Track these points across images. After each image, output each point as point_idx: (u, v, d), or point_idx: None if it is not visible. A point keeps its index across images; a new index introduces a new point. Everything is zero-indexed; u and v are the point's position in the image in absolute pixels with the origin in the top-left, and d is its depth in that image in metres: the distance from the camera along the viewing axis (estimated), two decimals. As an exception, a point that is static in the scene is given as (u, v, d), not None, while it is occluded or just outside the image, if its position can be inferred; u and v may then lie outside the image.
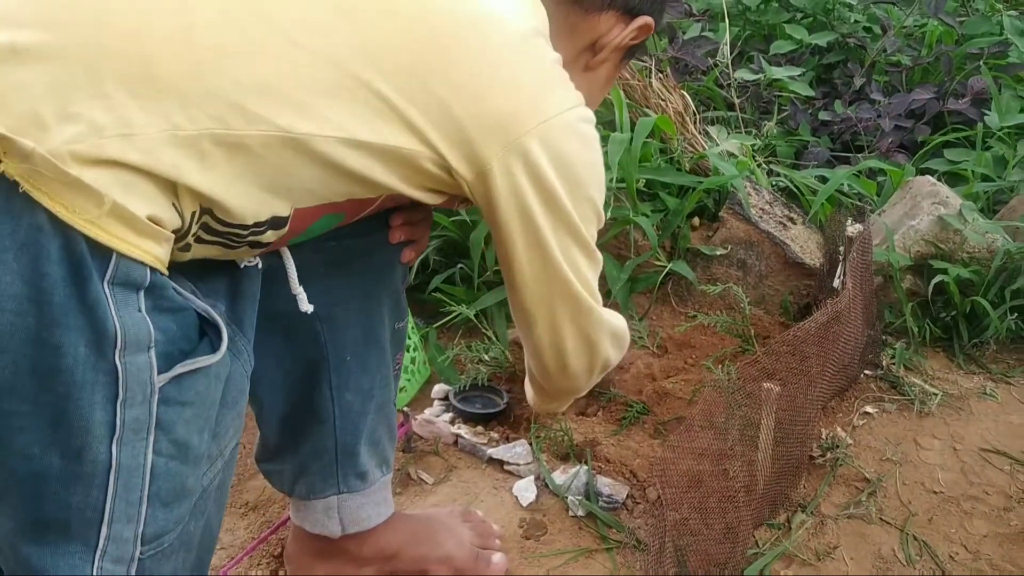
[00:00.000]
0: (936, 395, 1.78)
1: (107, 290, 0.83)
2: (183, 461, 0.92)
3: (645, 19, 1.18)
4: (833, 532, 1.51)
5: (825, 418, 1.74)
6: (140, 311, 0.86)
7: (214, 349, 0.94)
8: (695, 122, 2.24)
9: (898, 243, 1.93)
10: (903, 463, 1.64)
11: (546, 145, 0.99)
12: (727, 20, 2.71)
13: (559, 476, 1.62)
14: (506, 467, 1.67)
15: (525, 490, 1.61)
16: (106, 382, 0.84)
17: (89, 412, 0.84)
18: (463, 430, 1.74)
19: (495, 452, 1.69)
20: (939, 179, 2.16)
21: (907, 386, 1.80)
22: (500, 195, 1.00)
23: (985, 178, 2.20)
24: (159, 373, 0.88)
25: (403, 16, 0.93)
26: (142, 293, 0.86)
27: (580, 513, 1.56)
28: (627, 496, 1.59)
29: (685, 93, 2.25)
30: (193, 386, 0.92)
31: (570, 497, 1.58)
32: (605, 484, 1.59)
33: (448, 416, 1.78)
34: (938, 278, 1.86)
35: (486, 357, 1.88)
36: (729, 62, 2.57)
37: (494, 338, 1.92)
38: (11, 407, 0.83)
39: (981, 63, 2.63)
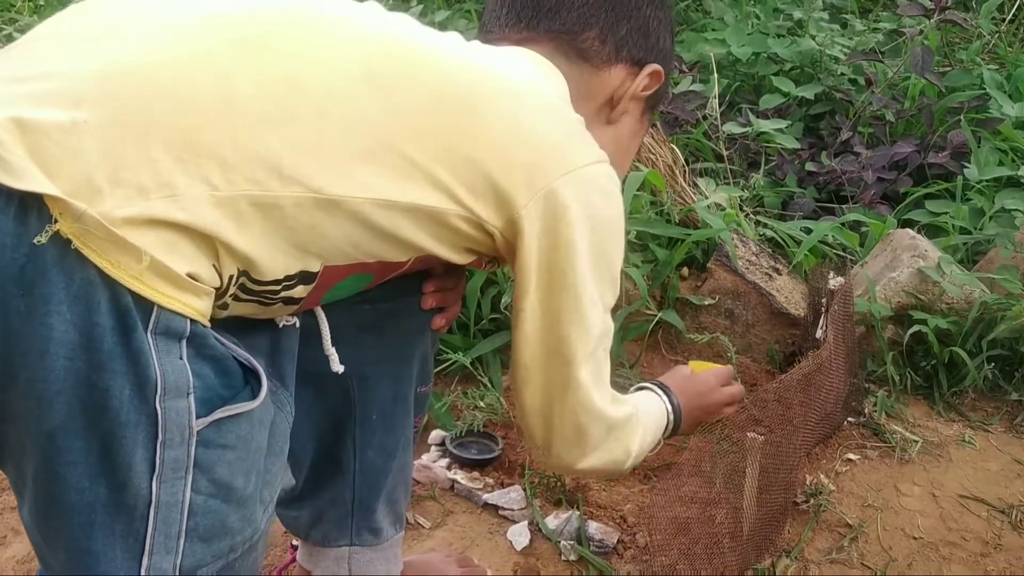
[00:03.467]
0: (916, 442, 1.84)
1: (150, 339, 0.90)
2: (224, 500, 0.98)
3: (653, 67, 1.24)
4: (816, 576, 1.57)
5: (809, 464, 1.80)
6: (182, 359, 0.92)
7: (254, 395, 1.00)
8: (684, 175, 2.32)
9: (879, 294, 2.00)
10: (884, 509, 1.70)
11: (572, 194, 1.04)
12: (715, 73, 2.80)
13: (552, 521, 1.68)
14: (501, 512, 1.73)
15: (519, 535, 1.67)
16: (147, 424, 0.91)
17: (132, 450, 0.91)
18: (459, 475, 1.79)
19: (490, 497, 1.74)
20: (920, 231, 2.23)
21: (888, 433, 1.87)
22: (526, 240, 1.05)
23: (963, 231, 2.28)
24: (198, 417, 0.94)
25: (426, 84, 1.01)
26: (184, 342, 0.93)
27: (572, 558, 1.62)
28: (617, 541, 1.65)
29: (675, 147, 2.33)
30: (234, 430, 0.98)
31: (562, 542, 1.64)
32: (596, 529, 1.65)
33: (445, 462, 1.83)
34: (915, 327, 1.92)
35: (482, 404, 1.94)
36: (718, 115, 2.65)
37: (489, 385, 1.98)
38: (65, 444, 0.90)
39: (961, 117, 2.72)
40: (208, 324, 0.96)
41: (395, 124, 0.98)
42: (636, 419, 1.24)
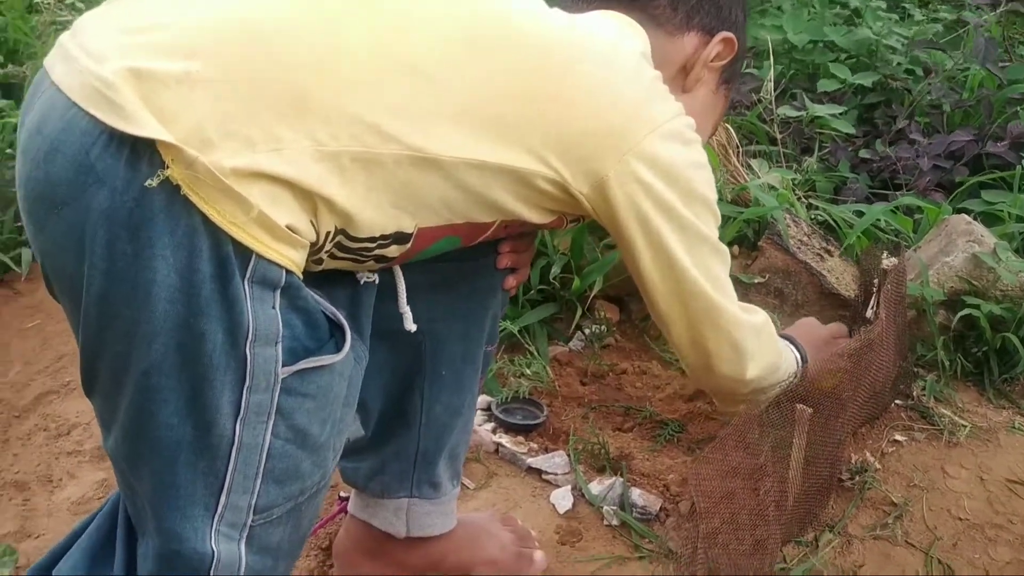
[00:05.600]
0: (965, 427, 1.83)
1: (246, 287, 0.94)
2: (300, 447, 1.02)
3: (725, 34, 1.28)
4: (859, 552, 1.56)
5: (855, 444, 1.79)
6: (274, 308, 0.96)
7: (338, 349, 1.03)
8: (737, 155, 2.31)
9: (932, 278, 1.98)
10: (930, 490, 1.69)
11: (657, 153, 1.09)
12: (772, 58, 2.78)
13: (595, 487, 1.69)
14: (544, 476, 1.74)
15: (562, 499, 1.68)
16: (236, 369, 0.95)
17: (220, 393, 0.95)
18: (504, 439, 1.81)
19: (534, 461, 1.76)
20: (975, 219, 2.21)
21: (936, 417, 1.85)
22: (619, 205, 1.10)
23: (1020, 219, 2.25)
24: (284, 366, 0.98)
25: (518, 46, 1.05)
26: (278, 292, 0.96)
27: (614, 523, 1.63)
28: (660, 508, 1.65)
29: (729, 127, 2.33)
30: (316, 380, 1.02)
31: (605, 507, 1.65)
32: (639, 496, 1.66)
33: (490, 426, 1.85)
34: (965, 311, 1.91)
35: (528, 372, 1.95)
36: (773, 99, 2.64)
37: (536, 354, 2.00)
38: (159, 383, 0.94)
39: (1019, 108, 2.68)
40: (301, 277, 1.00)
41: (489, 88, 1.02)
42: (769, 321, 1.36)
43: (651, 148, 1.09)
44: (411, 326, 1.25)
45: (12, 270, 2.40)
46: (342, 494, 1.59)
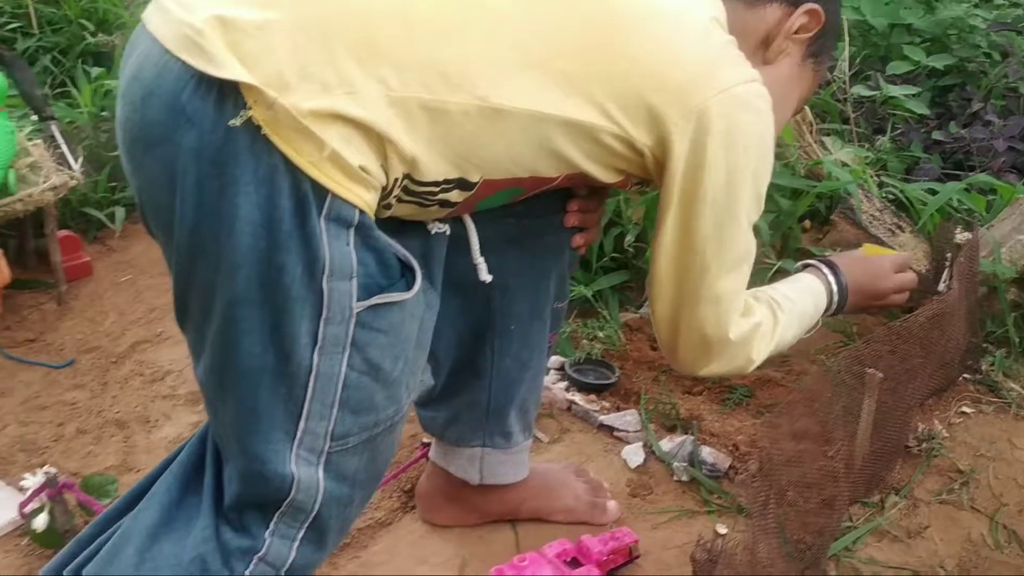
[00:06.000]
0: (1033, 401, 1.85)
1: (322, 224, 0.99)
2: (373, 379, 1.07)
3: (810, 5, 1.22)
4: (925, 515, 1.60)
5: (922, 414, 1.82)
6: (348, 245, 1.01)
7: (408, 288, 1.08)
8: (811, 131, 2.34)
9: (1004, 256, 2.00)
10: (996, 459, 1.71)
11: (722, 112, 1.07)
12: (847, 38, 2.79)
13: (666, 444, 1.74)
14: (616, 433, 1.80)
15: (633, 454, 1.74)
16: (314, 301, 1.00)
17: (299, 324, 1.01)
18: (577, 397, 1.87)
19: (606, 419, 1.82)
20: (1049, 199, 2.21)
21: (1005, 391, 1.87)
22: (674, 157, 1.09)
23: (1096, 201, 2.25)
24: (358, 300, 1.03)
25: (586, 5, 1.07)
26: (351, 230, 1.01)
27: (684, 478, 1.68)
28: (729, 467, 1.70)
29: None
30: (388, 316, 1.06)
31: (675, 463, 1.70)
32: (708, 454, 1.71)
33: (563, 384, 1.91)
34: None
35: (600, 335, 2.01)
36: (847, 78, 2.66)
37: (608, 318, 2.06)
38: (242, 313, 1.00)
39: (1100, 92, 2.67)
40: (373, 217, 1.05)
41: (557, 42, 1.04)
42: (768, 325, 1.26)
43: (719, 108, 1.08)
44: (486, 276, 1.29)
45: (106, 227, 2.51)
46: (424, 440, 1.67)
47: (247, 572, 1.08)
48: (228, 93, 0.94)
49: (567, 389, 1.90)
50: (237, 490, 1.09)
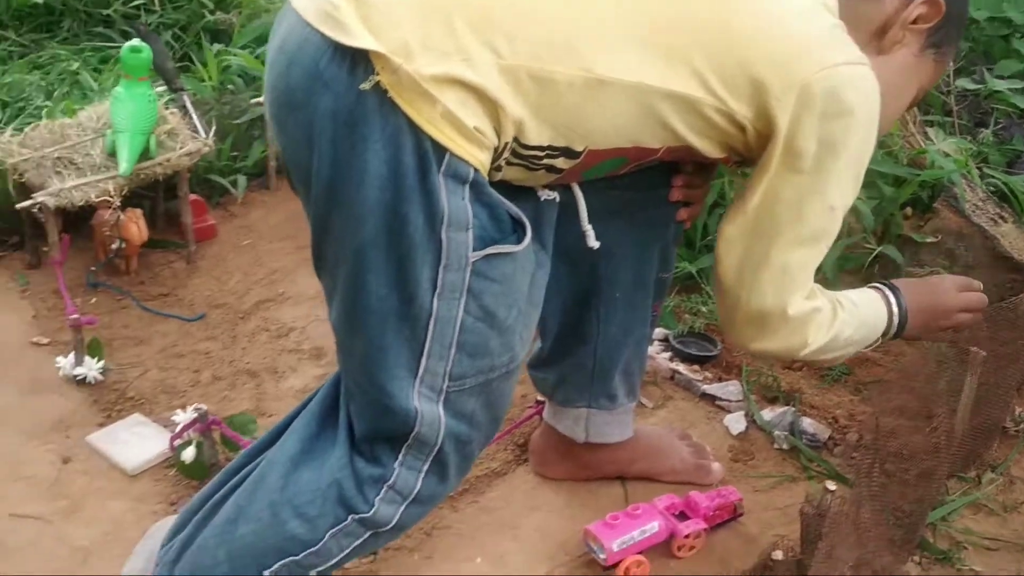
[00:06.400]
0: None
1: (441, 180, 1.08)
2: (488, 325, 1.17)
3: None
4: (1020, 491, 1.65)
5: (1019, 397, 1.86)
6: (464, 200, 1.11)
7: (519, 242, 1.17)
8: (914, 121, 2.38)
9: (1108, 248, 2.03)
10: (1095, 444, 1.76)
11: (825, 90, 1.11)
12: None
13: (767, 414, 1.82)
14: (718, 402, 1.88)
15: (735, 422, 1.82)
16: (434, 249, 1.10)
17: (420, 270, 1.11)
18: (680, 367, 1.96)
19: (709, 388, 1.90)
20: None
21: (1104, 379, 1.90)
22: (777, 133, 1.14)
23: None
24: (473, 250, 1.12)
25: None
26: (467, 186, 1.11)
27: (784, 447, 1.76)
28: (828, 437, 1.77)
29: (907, 94, 2.39)
30: (500, 267, 1.15)
31: (776, 432, 1.78)
32: (809, 424, 1.78)
33: (667, 355, 2.00)
34: None
35: (703, 309, 2.09)
36: (951, 71, 2.68)
37: (710, 294, 2.13)
38: (371, 257, 1.10)
39: None
40: (486, 176, 1.13)
41: (660, 15, 1.10)
42: (827, 315, 1.27)
43: (818, 86, 1.10)
44: (594, 243, 1.37)
45: (228, 194, 2.65)
46: (537, 399, 1.77)
47: (378, 498, 1.19)
48: (359, 61, 1.05)
49: (670, 359, 1.98)
50: (367, 424, 1.19)
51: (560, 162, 1.18)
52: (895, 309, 1.39)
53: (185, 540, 1.20)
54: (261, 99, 2.61)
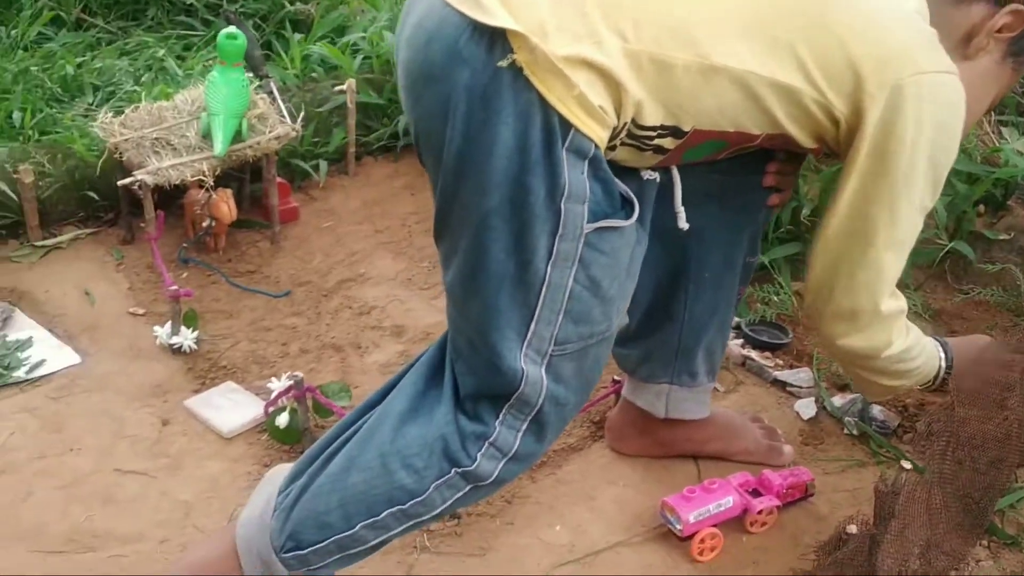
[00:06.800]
0: None
1: (564, 154, 1.15)
2: (593, 294, 1.23)
3: (1015, 6, 1.29)
4: (1091, 482, 1.68)
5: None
6: (583, 174, 1.17)
7: (628, 217, 1.24)
8: (989, 121, 2.40)
9: None
10: None
11: (917, 94, 1.18)
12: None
13: (837, 400, 1.86)
14: (788, 388, 1.93)
15: (806, 407, 1.87)
16: (552, 220, 1.17)
17: (538, 238, 1.17)
18: (752, 354, 2.01)
19: (780, 374, 1.95)
20: None
21: None
22: (865, 126, 1.21)
23: None
24: (587, 222, 1.19)
25: None
26: (586, 162, 1.17)
27: (854, 433, 1.80)
28: (898, 425, 1.81)
29: (982, 93, 2.41)
30: (609, 240, 1.22)
31: (846, 418, 1.82)
32: (879, 411, 1.82)
33: (739, 341, 2.05)
34: None
35: (775, 299, 2.14)
36: (1026, 71, 2.69)
37: (782, 285, 2.18)
38: (495, 223, 1.17)
39: None
40: (604, 152, 1.20)
41: (771, 9, 1.17)
42: (905, 321, 1.38)
43: (915, 87, 1.17)
44: (684, 224, 1.43)
45: (310, 178, 2.75)
46: (615, 378, 1.83)
47: (479, 453, 1.26)
48: (497, 39, 1.11)
49: (742, 346, 2.03)
50: (473, 383, 1.26)
51: (667, 142, 1.24)
52: (942, 355, 1.52)
53: (302, 487, 1.28)
54: (343, 86, 2.70)
